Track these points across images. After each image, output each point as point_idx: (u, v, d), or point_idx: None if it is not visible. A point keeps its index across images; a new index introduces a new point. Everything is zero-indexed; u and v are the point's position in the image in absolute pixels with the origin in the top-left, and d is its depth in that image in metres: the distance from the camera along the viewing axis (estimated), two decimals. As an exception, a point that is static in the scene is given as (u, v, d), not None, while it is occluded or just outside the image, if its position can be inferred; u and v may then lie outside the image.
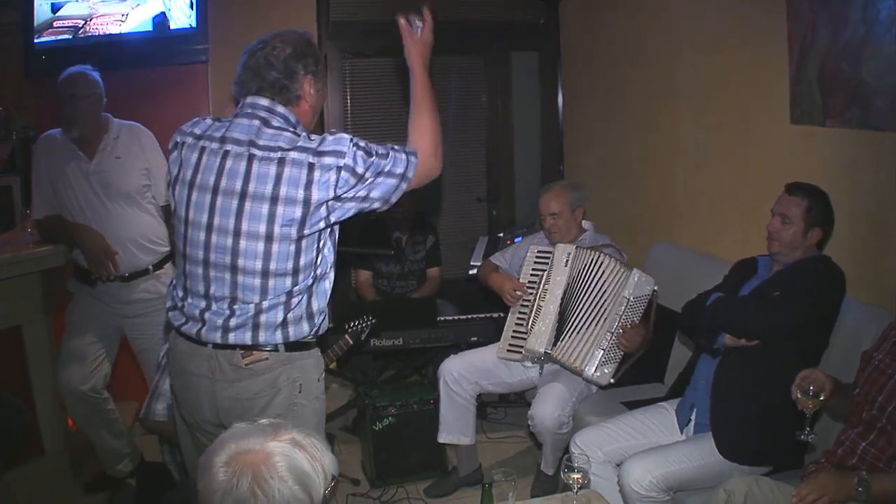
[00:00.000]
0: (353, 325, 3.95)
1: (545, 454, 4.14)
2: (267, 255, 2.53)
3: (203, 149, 2.60)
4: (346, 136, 2.53)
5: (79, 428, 4.29)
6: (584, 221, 4.48)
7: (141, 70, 5.11)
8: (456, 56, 6.55)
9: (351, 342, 3.89)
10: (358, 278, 5.69)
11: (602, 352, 4.01)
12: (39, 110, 5.21)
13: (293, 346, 2.65)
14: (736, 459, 3.20)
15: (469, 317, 5.12)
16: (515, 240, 5.17)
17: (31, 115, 5.83)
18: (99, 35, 4.96)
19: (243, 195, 2.51)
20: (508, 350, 4.26)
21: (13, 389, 3.82)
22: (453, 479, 4.46)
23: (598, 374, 4.01)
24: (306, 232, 2.53)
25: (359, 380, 5.17)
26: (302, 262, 2.57)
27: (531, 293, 4.26)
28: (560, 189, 4.46)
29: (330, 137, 2.54)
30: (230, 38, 5.54)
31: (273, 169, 2.49)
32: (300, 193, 2.49)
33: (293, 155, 2.50)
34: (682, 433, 3.52)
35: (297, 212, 2.50)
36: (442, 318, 5.03)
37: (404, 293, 5.59)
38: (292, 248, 2.54)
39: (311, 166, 2.48)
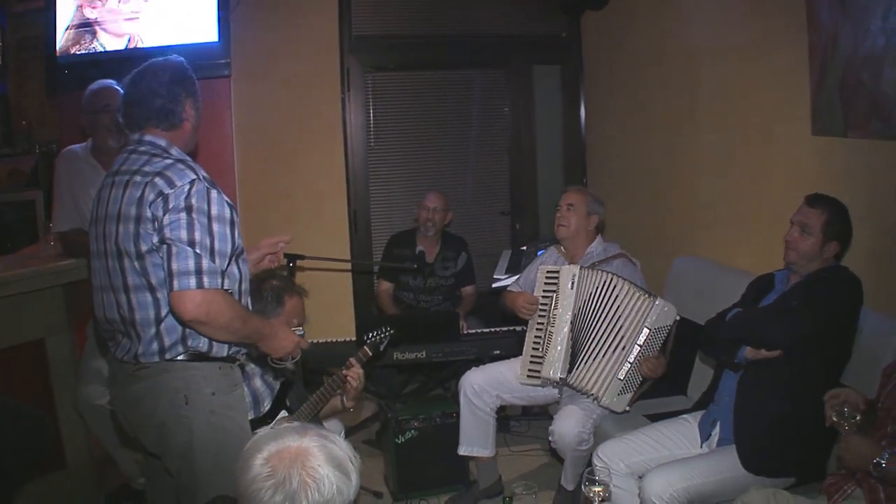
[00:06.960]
0: (372, 335, 3.95)
1: (565, 469, 4.11)
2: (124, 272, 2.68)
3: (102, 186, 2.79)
4: (191, 178, 2.61)
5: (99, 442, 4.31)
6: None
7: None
8: (478, 69, 6.62)
9: (370, 353, 3.89)
10: (379, 288, 5.72)
11: (621, 381, 3.97)
12: (62, 124, 5.21)
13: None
14: (760, 472, 3.18)
15: (492, 330, 5.13)
16: (538, 253, 5.16)
17: (55, 129, 5.84)
18: (121, 50, 4.98)
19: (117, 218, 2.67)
20: (528, 376, 4.22)
21: (36, 402, 3.83)
22: (474, 492, 4.45)
23: (616, 401, 3.98)
24: (144, 248, 2.60)
25: (382, 393, 5.18)
26: (153, 279, 2.63)
27: (543, 316, 4.22)
28: (583, 189, 4.57)
29: (180, 168, 2.64)
30: (253, 53, 5.60)
31: (120, 191, 2.66)
32: (133, 210, 2.60)
33: (137, 178, 2.63)
34: (701, 446, 3.50)
35: (131, 228, 2.61)
36: (465, 332, 5.03)
37: (429, 307, 5.60)
38: (137, 264, 2.64)
39: (146, 185, 2.60)
